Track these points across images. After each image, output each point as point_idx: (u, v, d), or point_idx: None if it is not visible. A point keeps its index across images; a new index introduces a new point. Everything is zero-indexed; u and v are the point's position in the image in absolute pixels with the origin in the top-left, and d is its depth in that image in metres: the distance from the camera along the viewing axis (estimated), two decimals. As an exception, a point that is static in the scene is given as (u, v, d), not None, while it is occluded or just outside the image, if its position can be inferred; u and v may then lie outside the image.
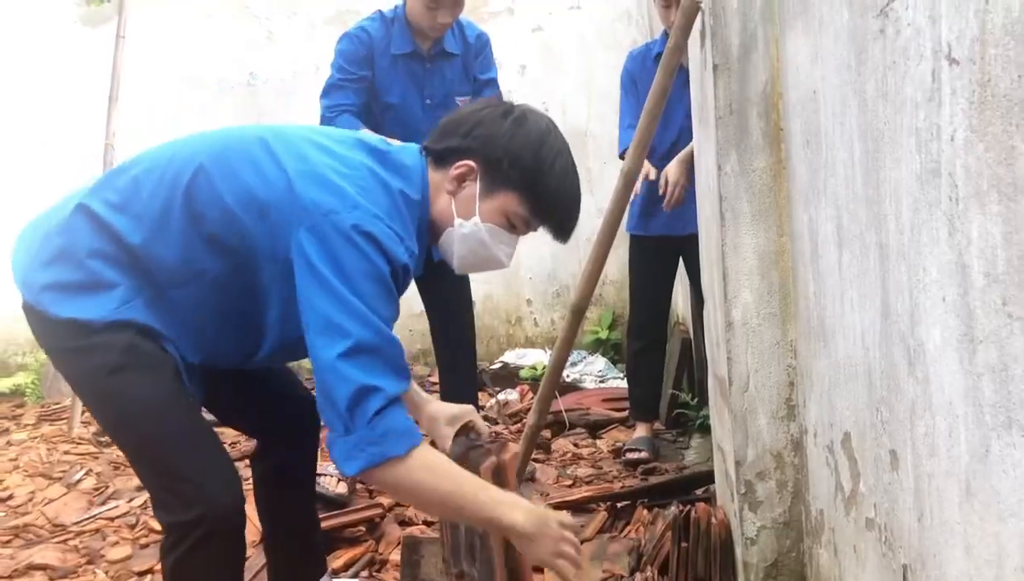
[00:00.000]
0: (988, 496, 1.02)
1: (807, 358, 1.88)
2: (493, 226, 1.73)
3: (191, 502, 1.66)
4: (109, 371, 1.65)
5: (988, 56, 0.94)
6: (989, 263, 0.98)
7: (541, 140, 1.71)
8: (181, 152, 1.74)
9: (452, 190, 1.73)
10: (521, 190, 1.71)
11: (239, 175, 1.67)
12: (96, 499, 3.34)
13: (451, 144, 1.73)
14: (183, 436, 1.70)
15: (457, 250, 1.76)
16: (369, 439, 1.55)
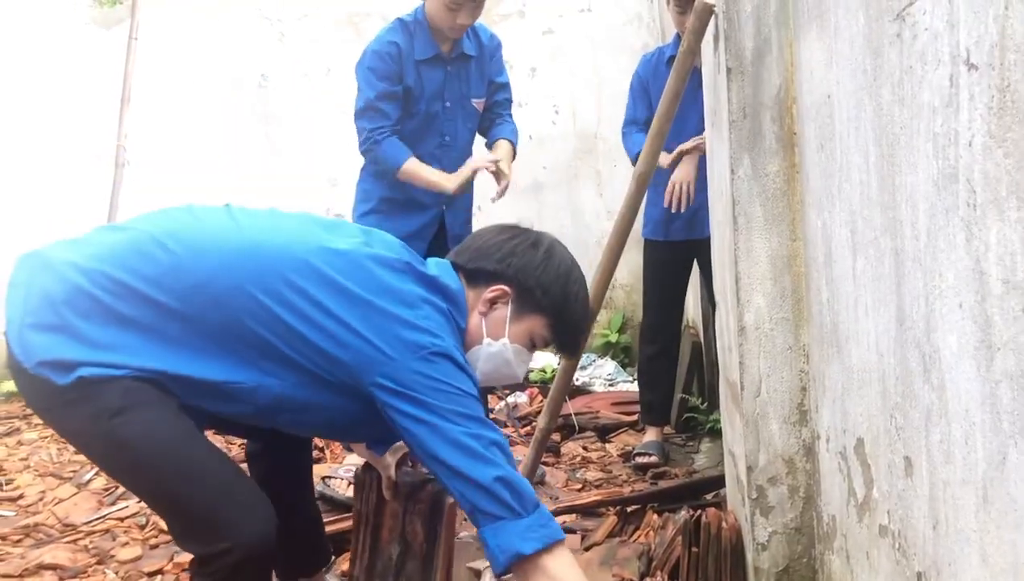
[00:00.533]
0: (1005, 504, 1.02)
1: (820, 363, 1.88)
2: (519, 346, 1.87)
3: (222, 536, 1.65)
4: (111, 414, 1.62)
5: (1007, 61, 0.94)
6: (1008, 270, 0.97)
7: (568, 273, 1.88)
8: (231, 267, 1.70)
9: (484, 311, 1.85)
10: (548, 317, 1.87)
11: (311, 318, 1.69)
12: (106, 499, 3.34)
13: (485, 267, 1.86)
14: (202, 471, 1.69)
15: (482, 367, 1.86)
16: (540, 523, 1.70)
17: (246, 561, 1.66)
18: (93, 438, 1.68)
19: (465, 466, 1.66)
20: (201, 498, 1.67)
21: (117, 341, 1.65)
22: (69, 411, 1.66)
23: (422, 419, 1.66)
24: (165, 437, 1.65)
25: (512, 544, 1.65)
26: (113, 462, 1.73)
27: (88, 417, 1.64)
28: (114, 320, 1.65)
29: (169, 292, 1.66)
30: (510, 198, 5.57)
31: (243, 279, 1.68)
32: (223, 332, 1.68)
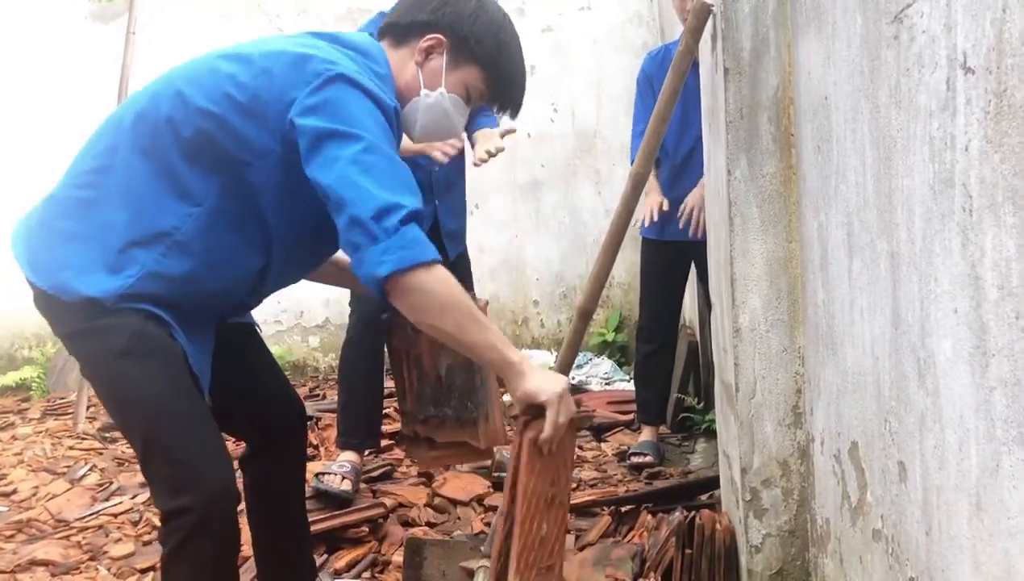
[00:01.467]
0: (998, 512, 1.01)
1: (815, 366, 1.87)
2: (455, 97, 1.89)
3: (183, 487, 1.68)
4: (118, 354, 1.69)
5: (1005, 65, 0.93)
6: (1003, 276, 0.96)
7: (500, 24, 1.90)
8: (137, 100, 1.81)
9: (420, 61, 1.86)
10: (483, 67, 1.88)
11: (213, 85, 1.72)
12: (100, 495, 3.34)
13: (419, 18, 1.86)
14: (183, 422, 1.72)
15: (420, 119, 1.89)
16: (398, 245, 1.60)
17: (203, 524, 1.67)
18: (97, 370, 1.75)
19: (343, 191, 1.62)
20: (174, 447, 1.71)
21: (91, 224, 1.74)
22: (83, 340, 1.74)
23: (315, 147, 1.64)
24: (157, 386, 1.70)
25: (371, 269, 1.61)
26: (106, 396, 1.78)
27: (97, 352, 1.72)
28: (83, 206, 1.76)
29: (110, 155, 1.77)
30: (508, 196, 5.60)
31: (160, 90, 1.78)
32: (155, 165, 1.73)
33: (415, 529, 2.90)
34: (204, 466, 1.71)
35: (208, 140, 1.70)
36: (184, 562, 1.70)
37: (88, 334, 1.72)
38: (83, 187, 1.76)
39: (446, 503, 3.11)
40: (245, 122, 1.69)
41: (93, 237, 1.72)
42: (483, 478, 3.28)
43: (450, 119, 1.91)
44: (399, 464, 3.50)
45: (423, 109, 1.88)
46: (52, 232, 1.76)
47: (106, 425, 4.21)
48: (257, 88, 1.69)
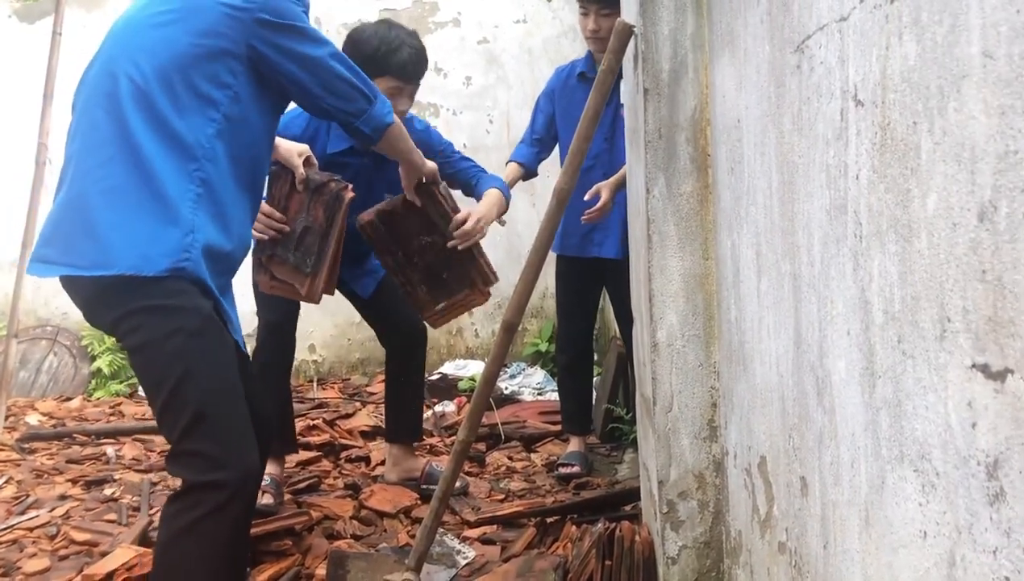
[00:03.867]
0: (883, 527, 1.05)
1: (728, 380, 1.91)
2: None
3: (224, 463, 1.83)
4: (191, 333, 1.85)
5: (888, 100, 0.97)
6: (887, 301, 1.00)
7: None
8: (98, 86, 1.98)
9: None
10: None
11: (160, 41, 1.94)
12: (15, 508, 3.25)
13: None
14: (232, 403, 1.90)
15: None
16: (388, 107, 2.22)
17: (233, 500, 1.82)
18: (161, 345, 1.86)
19: (333, 81, 2.07)
20: (227, 427, 1.87)
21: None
22: (154, 316, 1.86)
23: (296, 54, 2.02)
24: (223, 367, 1.90)
25: (383, 120, 2.19)
26: (166, 370, 1.86)
27: (169, 329, 1.85)
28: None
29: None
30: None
31: (110, 85, 1.95)
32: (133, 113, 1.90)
33: (340, 542, 2.88)
34: (245, 446, 1.89)
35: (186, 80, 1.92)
36: (202, 535, 1.81)
37: (162, 310, 1.85)
38: (101, 179, 1.88)
39: (372, 515, 3.10)
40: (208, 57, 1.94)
41: (136, 213, 1.86)
42: (411, 491, 3.28)
43: None
44: (325, 476, 3.48)
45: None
46: (102, 224, 1.86)
47: (25, 435, 4.11)
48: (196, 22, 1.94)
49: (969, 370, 0.81)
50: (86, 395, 5.16)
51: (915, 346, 0.93)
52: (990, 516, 0.79)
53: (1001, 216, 0.75)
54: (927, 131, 0.88)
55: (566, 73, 3.52)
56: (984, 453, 0.79)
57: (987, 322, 0.78)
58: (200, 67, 1.90)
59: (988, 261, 0.77)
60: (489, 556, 2.78)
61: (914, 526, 0.96)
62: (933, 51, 0.86)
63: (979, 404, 0.80)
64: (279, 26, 1.97)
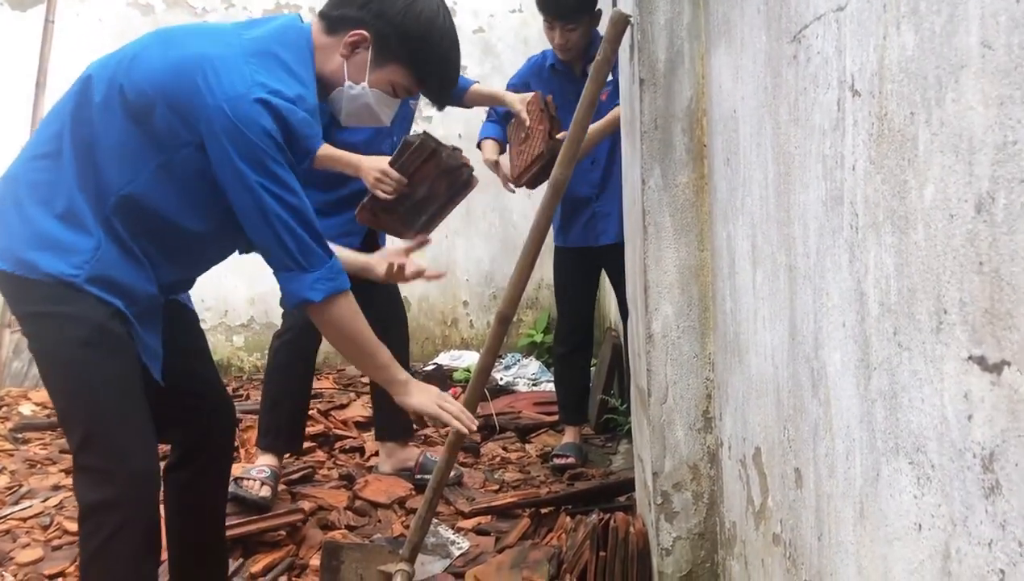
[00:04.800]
0: (878, 519, 1.05)
1: (723, 372, 1.91)
2: (379, 92, 1.93)
3: (109, 478, 1.75)
4: (78, 343, 1.75)
5: (885, 91, 0.97)
6: (883, 293, 1.00)
7: (430, 21, 1.89)
8: (85, 82, 1.84)
9: (346, 55, 1.89)
10: (407, 65, 1.91)
11: (141, 77, 1.77)
12: (8, 498, 3.24)
13: (347, 13, 1.88)
14: (122, 420, 1.79)
15: (345, 107, 1.95)
16: (327, 276, 1.84)
17: (127, 519, 1.75)
18: (53, 354, 1.80)
19: (257, 218, 1.76)
20: (112, 438, 1.78)
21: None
22: (46, 323, 1.78)
23: (226, 166, 1.72)
24: (110, 380, 1.78)
25: (303, 292, 1.83)
26: (57, 381, 1.82)
27: (59, 339, 1.77)
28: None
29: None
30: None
31: (100, 75, 1.82)
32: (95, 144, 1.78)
33: (334, 532, 2.88)
34: (133, 454, 1.79)
35: (144, 121, 1.76)
36: (109, 558, 1.76)
37: (51, 318, 1.76)
38: (40, 170, 1.80)
39: (367, 506, 3.09)
40: (169, 114, 1.75)
41: (49, 216, 1.76)
42: (405, 481, 3.27)
43: (374, 113, 1.96)
44: (320, 467, 3.47)
45: (347, 99, 1.94)
46: (12, 213, 1.79)
47: (18, 425, 4.09)
48: (174, 92, 1.74)
49: (965, 362, 0.81)
50: (80, 385, 5.14)
51: (911, 338, 0.93)
52: (985, 509, 0.78)
53: (999, 207, 0.74)
54: (925, 122, 0.87)
55: (538, 65, 3.50)
56: (980, 446, 0.79)
57: (984, 314, 0.77)
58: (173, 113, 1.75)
59: (985, 253, 0.77)
60: (483, 547, 2.79)
61: (909, 518, 0.95)
62: (931, 41, 0.85)
63: (975, 396, 0.79)
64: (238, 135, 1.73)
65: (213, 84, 1.70)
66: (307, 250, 1.81)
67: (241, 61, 1.73)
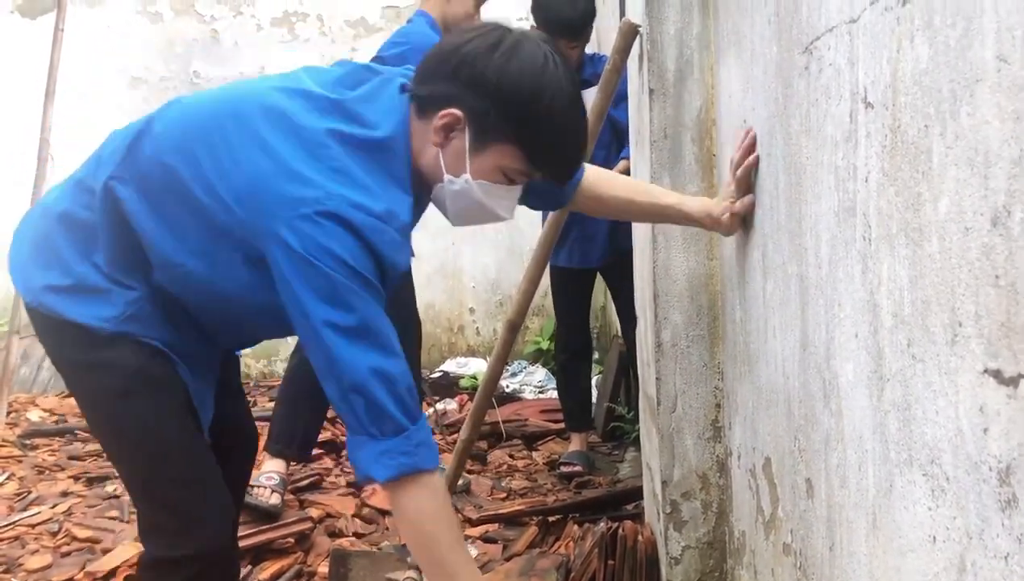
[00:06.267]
0: (891, 530, 1.05)
1: (733, 381, 1.91)
2: (487, 183, 1.52)
3: (185, 541, 1.61)
4: (118, 395, 1.57)
5: (899, 103, 0.97)
6: (897, 304, 1.00)
7: (536, 80, 1.45)
8: (145, 132, 1.57)
9: (439, 142, 1.50)
10: (515, 142, 1.48)
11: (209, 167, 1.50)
12: (17, 505, 3.25)
13: (435, 89, 1.49)
14: (185, 467, 1.63)
15: (451, 207, 1.57)
16: (402, 448, 1.45)
17: (200, 576, 1.62)
18: (94, 409, 1.63)
19: (322, 363, 1.44)
20: (176, 496, 1.63)
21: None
22: (80, 375, 1.61)
23: (290, 294, 1.43)
24: (160, 431, 1.59)
25: (367, 466, 1.46)
26: (104, 437, 1.68)
27: (96, 391, 1.60)
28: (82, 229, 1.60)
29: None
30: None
31: (161, 148, 1.53)
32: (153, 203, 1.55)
33: (342, 540, 2.88)
34: (207, 518, 1.63)
35: (199, 210, 1.51)
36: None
37: (83, 369, 1.59)
38: (83, 206, 1.60)
39: (374, 513, 3.10)
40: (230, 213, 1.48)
41: (85, 260, 1.57)
42: (413, 488, 3.27)
43: (484, 208, 1.56)
44: (327, 474, 3.48)
45: (450, 197, 1.55)
46: (45, 247, 1.62)
47: (26, 432, 4.11)
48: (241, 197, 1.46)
49: (981, 375, 0.81)
50: (87, 391, 5.15)
51: (925, 350, 0.93)
52: (1002, 522, 0.78)
53: (1015, 221, 0.74)
54: (939, 134, 0.87)
55: None
56: (996, 459, 0.79)
57: (1000, 327, 0.77)
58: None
59: (1001, 266, 0.77)
60: (491, 554, 2.79)
61: (923, 530, 0.95)
62: (946, 54, 0.86)
63: (991, 409, 0.80)
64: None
65: (276, 196, 1.42)
66: (379, 414, 1.44)
67: (314, 160, 1.44)
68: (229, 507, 1.70)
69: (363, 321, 1.43)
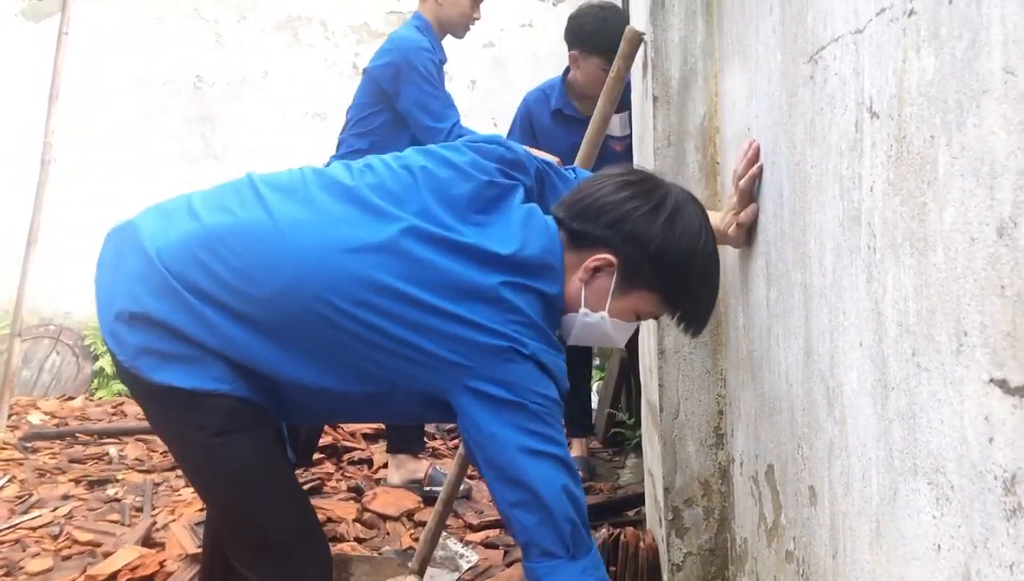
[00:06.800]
0: (895, 538, 1.05)
1: (736, 388, 1.92)
2: (619, 321, 1.65)
3: (285, 572, 1.66)
4: (212, 433, 1.57)
5: (905, 114, 0.97)
6: (901, 313, 1.00)
7: (692, 246, 1.59)
8: (310, 263, 1.54)
9: (584, 279, 1.61)
10: (660, 294, 1.62)
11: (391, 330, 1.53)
12: (18, 508, 3.25)
13: (591, 231, 1.59)
14: (286, 504, 1.67)
15: (576, 333, 1.68)
16: (595, 564, 1.54)
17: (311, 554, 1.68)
18: (189, 447, 1.64)
19: (528, 488, 1.51)
20: (278, 531, 1.66)
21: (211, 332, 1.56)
22: (172, 416, 1.61)
23: (486, 426, 1.52)
24: (258, 466, 1.62)
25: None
26: (200, 475, 1.68)
27: (189, 430, 1.59)
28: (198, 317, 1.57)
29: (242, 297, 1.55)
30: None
31: (318, 291, 1.53)
32: (303, 339, 1.57)
33: (343, 545, 2.88)
34: (310, 553, 1.68)
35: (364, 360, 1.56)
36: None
37: (178, 410, 1.58)
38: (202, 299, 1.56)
39: (375, 518, 3.10)
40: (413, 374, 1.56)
41: (196, 346, 1.55)
42: (414, 493, 3.28)
43: (609, 339, 1.68)
44: (328, 479, 3.48)
45: (579, 326, 1.65)
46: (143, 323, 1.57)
47: (27, 434, 4.11)
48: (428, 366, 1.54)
49: (986, 385, 0.81)
50: (89, 394, 5.16)
51: (930, 359, 0.93)
52: (1007, 531, 0.79)
53: (1021, 232, 0.75)
54: (945, 145, 0.88)
55: (540, 104, 3.50)
56: (1001, 468, 0.79)
57: (1006, 337, 0.78)
58: None
59: (1007, 276, 0.77)
60: (492, 560, 2.79)
61: (927, 539, 0.96)
62: (952, 65, 0.86)
63: (996, 419, 0.80)
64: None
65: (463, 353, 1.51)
66: (578, 533, 1.53)
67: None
68: (324, 544, 1.74)
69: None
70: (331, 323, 1.53)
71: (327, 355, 1.56)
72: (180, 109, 5.33)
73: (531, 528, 1.51)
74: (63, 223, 5.01)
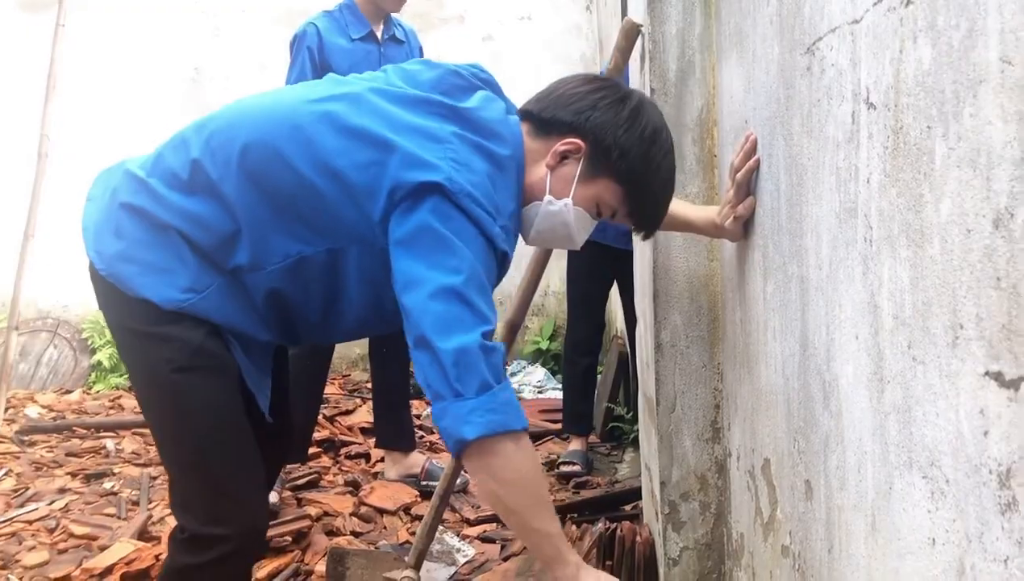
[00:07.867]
0: (890, 532, 1.04)
1: (732, 382, 1.91)
2: (581, 210, 1.66)
3: (226, 519, 1.66)
4: (175, 368, 1.60)
5: (901, 104, 0.96)
6: (898, 306, 1.00)
7: (654, 138, 1.64)
8: (243, 130, 1.62)
9: (552, 165, 1.64)
10: (622, 183, 1.64)
11: (323, 153, 1.57)
12: (14, 501, 3.25)
13: (561, 117, 1.65)
14: (235, 450, 1.67)
15: (538, 224, 1.68)
16: (488, 406, 1.47)
17: (235, 553, 1.67)
18: (149, 380, 1.66)
19: (424, 323, 1.47)
20: (224, 476, 1.66)
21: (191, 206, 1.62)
22: (139, 344, 1.64)
23: (401, 259, 1.50)
24: (214, 409, 1.64)
25: (455, 427, 1.47)
26: (155, 409, 1.69)
27: (153, 362, 1.62)
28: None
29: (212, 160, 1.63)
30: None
31: (269, 134, 1.60)
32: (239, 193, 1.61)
33: (340, 538, 2.88)
34: (249, 499, 1.69)
35: (317, 206, 1.58)
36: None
37: (145, 338, 1.62)
38: (174, 188, 1.63)
39: (372, 512, 3.09)
40: (345, 204, 1.57)
41: (167, 243, 1.61)
42: (411, 487, 3.27)
43: (569, 230, 1.68)
44: (325, 472, 3.47)
45: (543, 215, 1.67)
46: (125, 220, 1.64)
47: (24, 428, 4.10)
48: (360, 179, 1.56)
49: (982, 378, 0.80)
50: (86, 388, 5.15)
51: (926, 352, 0.92)
52: (1001, 525, 0.78)
53: (1017, 224, 0.74)
54: (941, 136, 0.87)
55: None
56: (996, 462, 0.79)
57: (1001, 330, 0.77)
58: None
59: (1003, 268, 0.76)
60: (489, 554, 2.78)
61: (922, 533, 0.95)
62: (949, 55, 0.85)
63: (992, 412, 0.79)
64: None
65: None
66: (468, 369, 1.48)
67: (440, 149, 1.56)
68: (267, 491, 1.76)
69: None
70: (290, 168, 1.57)
71: (290, 208, 1.58)
72: (178, 101, 5.31)
73: (424, 367, 1.49)
74: (60, 216, 4.99)
